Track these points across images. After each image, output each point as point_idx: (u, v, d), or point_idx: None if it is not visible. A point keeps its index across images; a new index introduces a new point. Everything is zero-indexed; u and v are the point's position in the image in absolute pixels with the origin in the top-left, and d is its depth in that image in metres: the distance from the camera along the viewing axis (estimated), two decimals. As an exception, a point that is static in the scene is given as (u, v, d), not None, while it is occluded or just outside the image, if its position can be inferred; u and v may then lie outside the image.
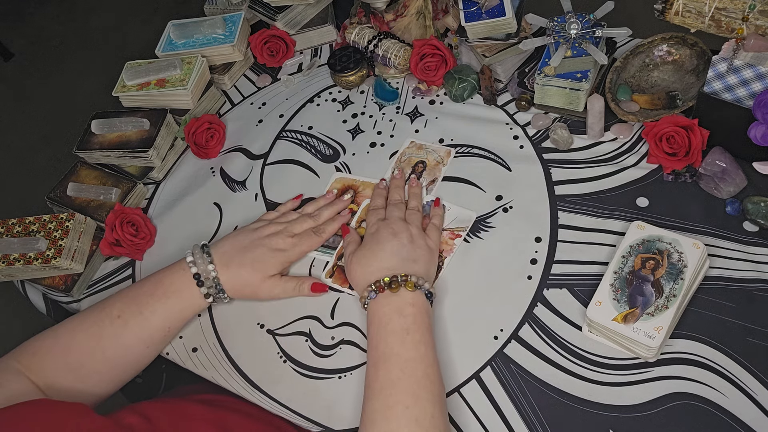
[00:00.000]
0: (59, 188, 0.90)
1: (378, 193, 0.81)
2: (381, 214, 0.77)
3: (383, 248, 0.70)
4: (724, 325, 0.65)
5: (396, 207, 0.77)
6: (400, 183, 0.82)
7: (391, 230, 0.72)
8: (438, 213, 0.78)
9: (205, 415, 0.63)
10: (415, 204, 0.78)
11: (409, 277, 0.67)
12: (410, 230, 0.72)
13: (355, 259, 0.71)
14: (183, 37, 1.01)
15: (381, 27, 0.97)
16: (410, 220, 0.75)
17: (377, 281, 0.67)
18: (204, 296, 0.72)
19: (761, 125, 0.68)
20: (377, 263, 0.69)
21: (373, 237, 0.72)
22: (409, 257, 0.69)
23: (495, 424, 0.64)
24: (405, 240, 0.71)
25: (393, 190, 0.81)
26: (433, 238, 0.74)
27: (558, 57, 0.78)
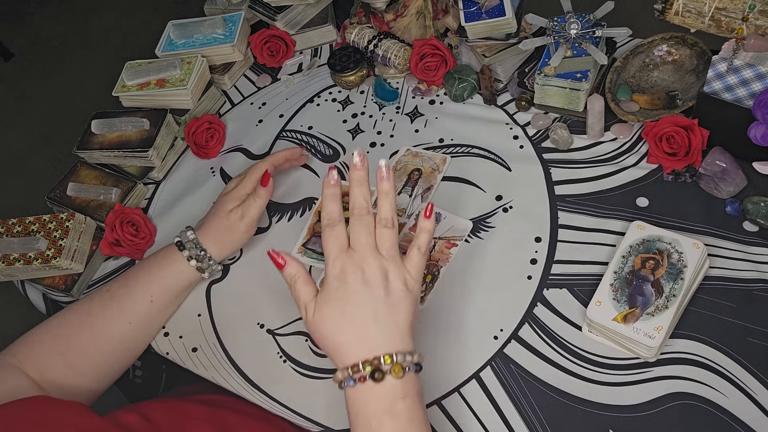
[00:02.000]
0: (59, 188, 0.90)
1: (330, 195, 0.59)
2: (341, 237, 0.58)
3: (354, 308, 0.56)
4: (724, 325, 0.65)
5: (361, 224, 0.58)
6: (362, 176, 0.59)
7: (361, 274, 0.57)
8: (426, 229, 0.60)
9: (204, 415, 0.64)
10: (388, 213, 0.59)
11: (393, 357, 0.54)
12: (385, 269, 0.57)
13: (319, 318, 0.57)
14: (183, 37, 1.01)
15: (381, 27, 0.97)
16: (383, 247, 0.58)
17: (355, 365, 0.54)
18: (187, 260, 0.75)
19: (761, 125, 0.68)
20: (350, 333, 0.56)
21: (340, 287, 0.57)
22: (388, 318, 0.56)
23: (495, 424, 0.64)
24: (380, 291, 0.56)
25: (354, 189, 0.59)
26: (413, 272, 0.59)
27: (558, 57, 0.78)
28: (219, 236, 0.76)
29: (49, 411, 0.55)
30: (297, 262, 0.60)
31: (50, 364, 0.67)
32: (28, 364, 0.67)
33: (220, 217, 0.76)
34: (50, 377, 0.67)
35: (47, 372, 0.67)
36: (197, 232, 0.76)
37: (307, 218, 0.84)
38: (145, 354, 0.77)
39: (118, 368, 0.73)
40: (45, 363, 0.67)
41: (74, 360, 0.68)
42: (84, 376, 0.69)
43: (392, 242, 0.58)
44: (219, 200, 0.79)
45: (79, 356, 0.69)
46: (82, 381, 0.69)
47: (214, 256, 0.76)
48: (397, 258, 0.58)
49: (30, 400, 0.56)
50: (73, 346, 0.69)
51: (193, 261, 0.75)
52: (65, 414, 0.55)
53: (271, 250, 0.61)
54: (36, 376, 0.66)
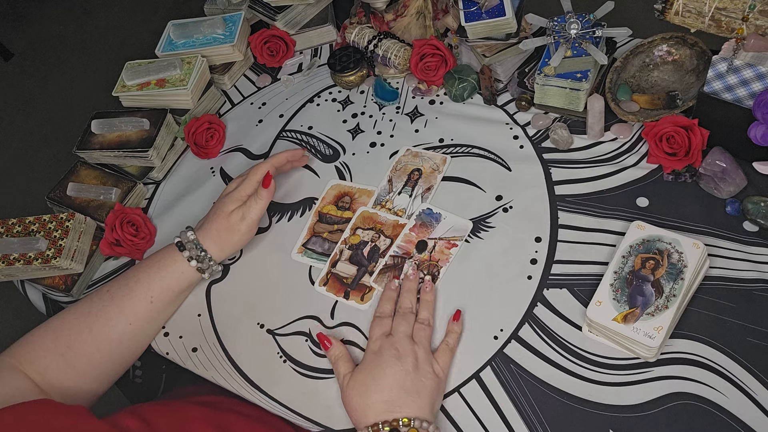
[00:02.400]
0: (59, 188, 0.90)
1: (387, 297, 0.73)
2: (386, 326, 0.70)
3: (384, 374, 0.64)
4: (724, 325, 0.65)
5: (404, 318, 0.70)
6: (412, 286, 0.73)
7: (396, 352, 0.66)
8: (454, 330, 0.70)
9: (204, 416, 0.64)
10: (426, 316, 0.70)
11: (412, 421, 0.60)
12: (416, 353, 0.66)
13: (353, 385, 0.65)
14: (183, 37, 1.01)
15: (381, 27, 0.97)
16: (418, 338, 0.68)
17: (375, 425, 0.61)
18: (187, 260, 0.75)
19: (761, 125, 0.68)
20: (377, 395, 0.63)
21: (375, 358, 0.66)
22: (413, 388, 0.63)
23: (495, 424, 0.64)
24: (409, 366, 0.64)
25: (404, 295, 0.73)
26: (441, 362, 0.67)
27: (558, 57, 0.78)
28: (219, 237, 0.76)
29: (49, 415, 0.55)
30: (341, 345, 0.70)
31: (51, 365, 0.67)
32: (29, 365, 0.67)
33: (221, 217, 0.76)
34: (50, 378, 0.67)
35: (47, 373, 0.67)
36: (197, 232, 0.76)
37: (307, 218, 0.84)
38: (145, 354, 0.77)
39: (119, 368, 0.73)
40: (45, 364, 0.67)
41: (74, 360, 0.68)
42: (84, 376, 0.69)
43: (427, 336, 0.69)
44: (220, 201, 0.79)
45: (80, 357, 0.69)
46: (82, 382, 0.69)
47: (215, 257, 0.76)
48: (428, 348, 0.68)
49: (31, 404, 0.56)
50: (74, 346, 0.69)
51: (193, 261, 0.75)
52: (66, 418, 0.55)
53: (320, 332, 0.71)
54: (36, 377, 0.66)
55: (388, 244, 0.79)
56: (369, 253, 0.78)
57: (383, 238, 0.79)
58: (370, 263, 0.78)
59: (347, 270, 0.78)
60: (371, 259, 0.78)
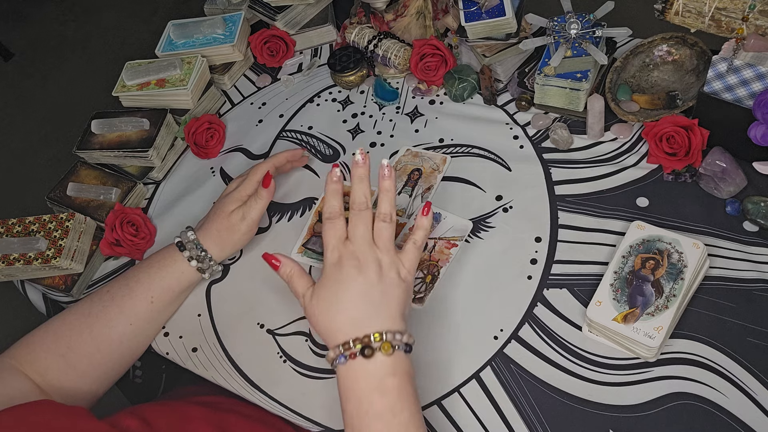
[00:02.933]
0: (59, 188, 0.90)
1: (333, 190, 0.64)
2: (340, 228, 0.62)
3: (347, 289, 0.59)
4: (724, 325, 0.65)
5: (360, 218, 0.62)
6: (363, 173, 0.63)
7: (356, 262, 0.60)
8: (422, 226, 0.64)
9: (204, 417, 0.64)
10: (387, 209, 0.62)
11: (383, 335, 0.57)
12: (379, 259, 0.61)
13: (315, 303, 0.60)
14: (183, 37, 1.01)
15: (381, 27, 0.97)
16: (379, 240, 0.62)
17: (346, 343, 0.57)
18: (188, 260, 0.75)
19: (761, 125, 0.68)
20: (342, 314, 0.59)
21: (335, 272, 0.60)
22: (379, 299, 0.59)
23: (495, 424, 0.64)
24: (373, 276, 0.60)
25: (355, 185, 0.63)
26: (407, 263, 0.62)
27: (558, 57, 0.78)
28: (220, 237, 0.76)
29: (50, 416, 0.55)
30: (290, 260, 0.64)
31: (51, 366, 0.67)
32: (29, 366, 0.67)
33: (221, 217, 0.76)
34: (51, 379, 0.67)
35: (48, 373, 0.67)
36: (198, 232, 0.76)
37: (307, 218, 0.84)
38: (145, 354, 0.77)
39: (119, 369, 0.73)
40: (46, 365, 0.67)
41: (75, 361, 0.68)
42: (85, 377, 0.69)
43: (388, 236, 0.62)
44: (220, 201, 0.79)
45: (80, 357, 0.69)
46: (83, 382, 0.69)
47: (215, 257, 0.76)
48: (391, 250, 0.62)
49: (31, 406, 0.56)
50: (74, 347, 0.69)
51: (193, 261, 0.75)
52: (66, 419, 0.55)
53: (265, 252, 0.65)
54: (37, 378, 0.66)
55: None
56: None
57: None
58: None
59: (347, 270, 0.78)
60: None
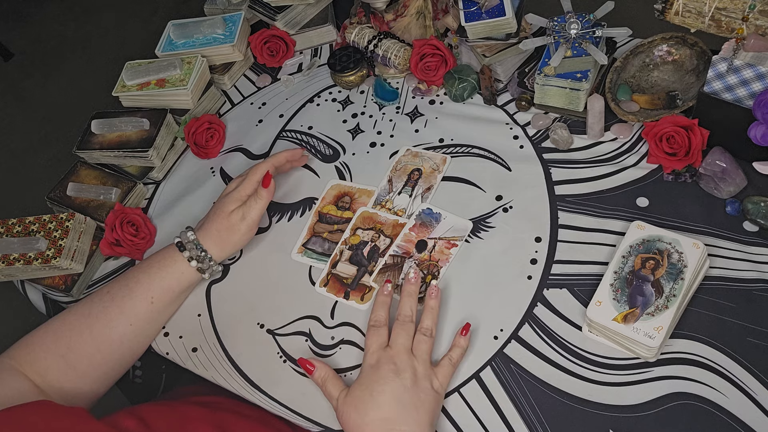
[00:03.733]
0: (59, 188, 0.90)
1: (381, 302, 0.69)
2: (383, 337, 0.66)
3: (382, 390, 0.62)
4: (724, 325, 0.65)
5: (403, 329, 0.67)
6: (413, 290, 0.70)
7: (393, 367, 0.63)
8: (460, 345, 0.67)
9: (203, 417, 0.64)
10: (429, 326, 0.67)
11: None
12: (415, 368, 0.64)
13: (350, 401, 0.63)
14: (183, 37, 1.01)
15: (381, 27, 0.97)
16: (417, 351, 0.65)
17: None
18: (188, 260, 0.75)
19: (761, 125, 0.68)
20: (374, 412, 0.61)
21: (372, 373, 0.64)
22: (411, 404, 0.61)
23: (495, 424, 0.64)
24: (408, 381, 0.62)
25: (404, 300, 0.69)
26: (441, 377, 0.65)
27: (558, 57, 0.78)
28: (220, 237, 0.76)
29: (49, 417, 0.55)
30: (325, 364, 0.67)
31: (51, 366, 0.67)
32: (29, 367, 0.67)
33: (221, 217, 0.76)
34: (51, 379, 0.67)
35: (48, 374, 0.67)
36: (197, 232, 0.76)
37: (307, 218, 0.84)
38: (145, 354, 0.77)
39: (119, 369, 0.73)
40: (46, 365, 0.67)
41: (75, 361, 0.68)
42: (85, 377, 0.69)
43: (427, 349, 0.66)
44: (219, 201, 0.79)
45: (80, 358, 0.69)
46: (83, 383, 0.69)
47: (215, 257, 0.76)
48: (428, 362, 0.65)
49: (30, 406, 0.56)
50: (74, 347, 0.69)
51: (193, 262, 0.75)
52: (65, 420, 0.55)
53: (301, 357, 0.68)
54: (36, 379, 0.66)
55: (387, 243, 0.79)
56: (369, 253, 0.78)
57: (383, 238, 0.79)
58: (370, 263, 0.78)
59: (347, 270, 0.78)
60: (371, 259, 0.78)
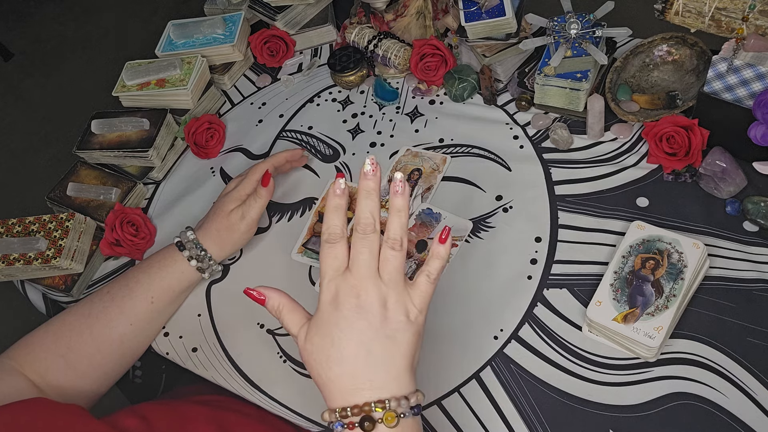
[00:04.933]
0: (59, 188, 0.90)
1: (335, 206, 0.53)
2: (340, 255, 0.51)
3: (345, 336, 0.49)
4: (724, 325, 0.65)
5: (364, 243, 0.51)
6: (373, 186, 0.52)
7: (356, 301, 0.50)
8: (439, 255, 0.52)
9: (204, 416, 0.63)
10: (398, 233, 0.51)
11: (387, 404, 0.48)
12: (384, 296, 0.50)
13: (310, 347, 0.51)
14: (183, 37, 1.01)
15: (381, 27, 0.97)
16: (385, 271, 0.50)
17: (342, 409, 0.48)
18: (188, 260, 0.75)
19: (761, 125, 0.68)
20: (338, 366, 0.49)
21: (332, 312, 0.50)
22: (382, 350, 0.49)
23: (495, 424, 0.64)
24: (376, 320, 0.49)
25: (362, 201, 0.51)
26: (418, 302, 0.51)
27: (558, 57, 0.78)
28: (219, 236, 0.76)
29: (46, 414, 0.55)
30: (276, 291, 0.54)
31: (51, 366, 0.67)
32: (28, 367, 0.67)
33: (220, 217, 0.76)
34: (51, 379, 0.67)
35: (48, 374, 0.67)
36: (197, 232, 0.76)
37: (307, 218, 0.84)
38: (145, 354, 0.77)
39: (119, 369, 0.73)
40: (46, 365, 0.67)
41: (75, 361, 0.68)
42: (85, 377, 0.69)
43: (396, 266, 0.51)
44: (219, 201, 0.79)
45: (80, 358, 0.69)
46: (83, 383, 0.69)
47: (215, 257, 0.76)
48: (400, 284, 0.51)
49: (27, 403, 0.56)
50: (74, 347, 0.68)
51: (193, 261, 0.75)
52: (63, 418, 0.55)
53: (246, 288, 0.55)
54: (36, 379, 0.66)
55: None
56: None
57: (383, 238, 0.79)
58: (370, 263, 0.77)
59: (347, 270, 0.78)
60: (371, 259, 0.78)
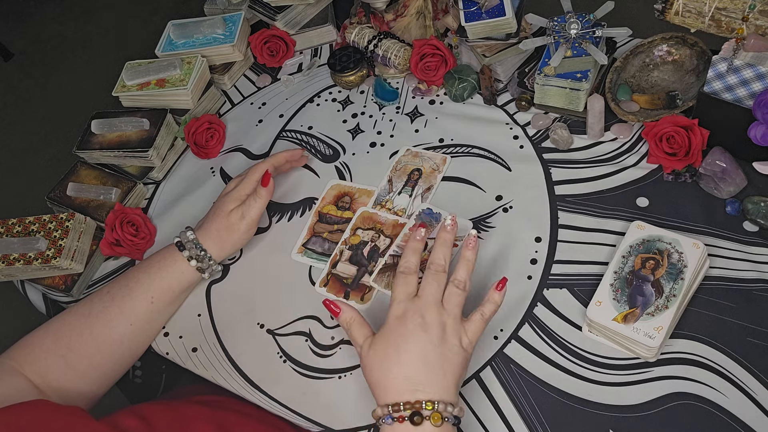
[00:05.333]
0: (59, 188, 0.90)
1: (413, 248, 0.65)
2: (412, 285, 0.62)
3: (407, 344, 0.58)
4: (724, 325, 0.65)
5: (435, 278, 0.62)
6: (448, 239, 0.65)
7: (421, 320, 0.59)
8: (494, 301, 0.62)
9: (204, 416, 0.63)
10: (463, 277, 0.62)
11: (435, 405, 0.55)
12: (444, 322, 0.60)
13: (372, 355, 0.59)
14: (183, 37, 1.01)
15: (381, 27, 0.97)
16: (448, 304, 0.61)
17: (396, 404, 0.56)
18: (187, 260, 0.75)
19: (761, 125, 0.68)
20: (398, 368, 0.57)
21: (398, 325, 0.60)
22: (437, 364, 0.58)
23: (495, 424, 0.64)
24: (435, 338, 0.58)
25: (437, 248, 0.64)
26: (471, 334, 0.60)
27: (558, 57, 0.78)
28: (219, 236, 0.76)
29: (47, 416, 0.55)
30: (351, 308, 0.64)
31: (51, 367, 0.67)
32: (29, 367, 0.67)
33: (220, 217, 0.76)
34: (51, 380, 0.67)
35: (48, 375, 0.67)
36: (197, 232, 0.76)
37: (307, 218, 0.84)
38: (145, 354, 0.77)
39: (119, 369, 0.73)
40: (46, 366, 0.67)
41: (75, 362, 0.68)
42: (85, 378, 0.69)
43: (458, 302, 0.61)
44: (219, 201, 0.79)
45: (80, 358, 0.69)
46: (83, 383, 0.69)
47: (214, 257, 0.76)
48: (458, 316, 0.61)
49: (27, 405, 0.56)
50: (74, 348, 0.68)
51: (193, 261, 0.75)
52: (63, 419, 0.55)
53: (326, 299, 0.65)
54: (36, 380, 0.66)
55: (387, 243, 0.79)
56: (369, 253, 0.78)
57: (383, 238, 0.79)
58: (370, 263, 0.78)
59: (347, 270, 0.78)
60: (371, 259, 0.78)
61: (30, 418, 0.54)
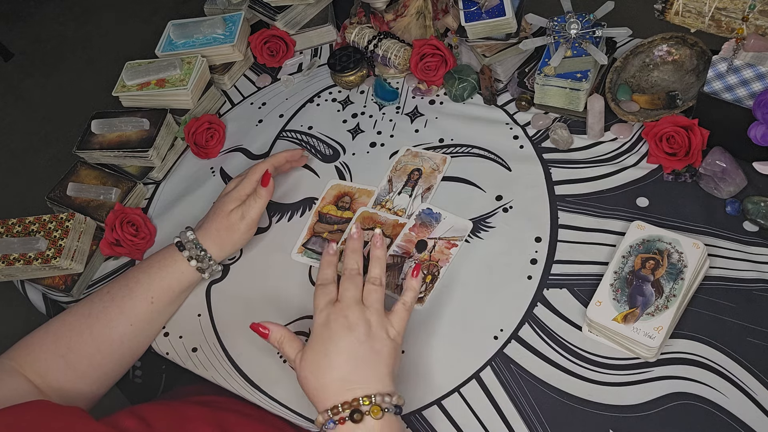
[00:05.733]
0: (59, 188, 0.90)
1: (327, 261, 0.67)
2: (331, 293, 0.64)
3: (336, 347, 0.59)
4: (724, 325, 0.65)
5: (351, 281, 0.64)
6: (357, 246, 0.68)
7: (345, 321, 0.61)
8: (412, 287, 0.65)
9: (204, 416, 0.63)
10: (377, 274, 0.65)
11: (372, 398, 0.57)
12: (368, 319, 0.61)
13: (305, 366, 0.60)
14: (183, 37, 1.01)
15: (381, 27, 0.97)
16: (368, 301, 0.63)
17: (334, 407, 0.57)
18: (187, 260, 0.75)
19: (761, 125, 0.68)
20: (330, 372, 0.59)
21: (324, 331, 0.61)
22: (368, 359, 0.59)
23: (495, 424, 0.64)
24: (362, 335, 0.60)
25: (348, 255, 0.67)
26: (396, 324, 0.62)
27: (558, 57, 0.78)
28: (219, 236, 0.76)
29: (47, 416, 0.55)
30: (278, 326, 0.64)
31: (51, 367, 0.67)
32: (29, 368, 0.67)
33: (220, 217, 0.76)
34: (51, 380, 0.67)
35: (48, 375, 0.67)
36: (197, 232, 0.76)
37: (307, 218, 0.84)
38: (145, 354, 0.77)
39: (119, 369, 0.73)
40: (46, 366, 0.67)
41: (75, 362, 0.68)
42: (85, 378, 0.69)
43: (378, 297, 0.63)
44: (219, 201, 0.79)
45: (80, 358, 0.69)
46: (83, 383, 0.69)
47: (214, 257, 0.76)
48: (380, 311, 0.63)
49: (27, 405, 0.56)
50: (74, 348, 0.68)
51: (193, 261, 0.75)
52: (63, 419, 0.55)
53: (252, 323, 0.64)
54: (36, 380, 0.66)
55: (387, 243, 0.79)
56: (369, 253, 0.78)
57: (383, 238, 0.79)
58: (370, 263, 0.78)
59: (347, 270, 0.78)
60: (371, 259, 0.78)
61: (30, 418, 0.54)
